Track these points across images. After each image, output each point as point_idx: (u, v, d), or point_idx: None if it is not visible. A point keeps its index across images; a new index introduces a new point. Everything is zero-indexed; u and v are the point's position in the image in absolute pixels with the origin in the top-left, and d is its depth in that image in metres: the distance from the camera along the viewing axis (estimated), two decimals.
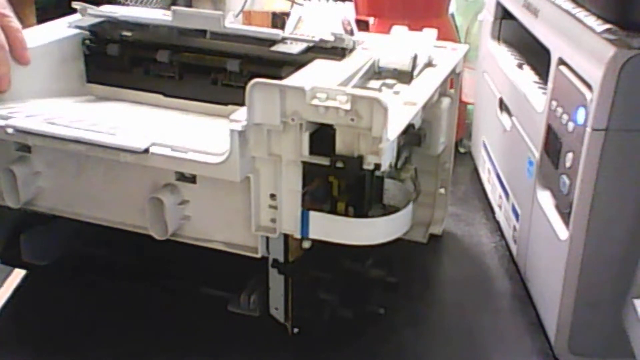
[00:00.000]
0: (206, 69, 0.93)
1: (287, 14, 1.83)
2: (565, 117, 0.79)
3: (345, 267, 0.80)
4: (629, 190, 0.74)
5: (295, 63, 0.86)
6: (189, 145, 0.72)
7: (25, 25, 0.97)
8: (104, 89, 0.98)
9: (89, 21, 0.95)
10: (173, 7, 0.90)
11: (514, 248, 1.03)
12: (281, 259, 0.77)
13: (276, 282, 0.78)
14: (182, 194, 0.76)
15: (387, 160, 0.69)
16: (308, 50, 0.88)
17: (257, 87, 0.68)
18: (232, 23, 0.90)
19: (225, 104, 0.92)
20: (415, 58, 0.86)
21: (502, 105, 1.10)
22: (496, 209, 1.13)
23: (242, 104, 0.69)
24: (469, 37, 1.43)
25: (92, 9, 0.96)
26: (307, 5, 1.84)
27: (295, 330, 0.81)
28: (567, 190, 0.78)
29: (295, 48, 0.88)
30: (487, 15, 1.23)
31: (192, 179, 0.75)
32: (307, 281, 0.79)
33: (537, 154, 0.90)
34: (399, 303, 0.91)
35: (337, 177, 0.73)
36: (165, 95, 0.95)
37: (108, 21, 0.95)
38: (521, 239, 0.98)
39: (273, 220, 0.74)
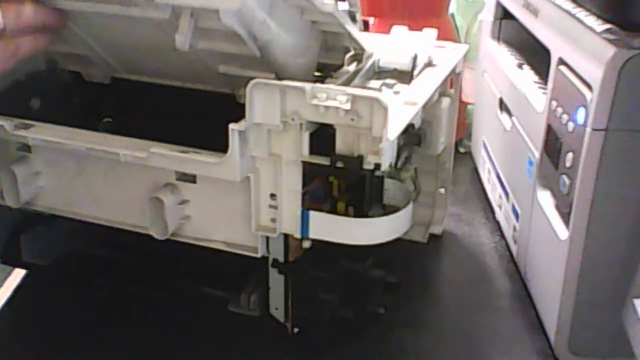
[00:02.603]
0: None
1: None
2: (565, 117, 0.79)
3: (345, 267, 0.80)
4: (629, 190, 0.74)
5: None
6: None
7: None
8: None
9: None
10: None
11: (514, 248, 1.03)
12: (281, 258, 0.77)
13: (276, 282, 0.78)
14: (182, 193, 0.76)
15: (387, 160, 0.69)
16: None
17: (257, 87, 0.68)
18: None
19: None
20: (415, 58, 0.86)
21: (502, 105, 1.10)
22: (496, 209, 1.13)
23: None
24: (469, 37, 1.43)
25: None
26: None
27: (295, 330, 0.81)
28: (567, 190, 0.78)
29: None
30: (487, 15, 1.23)
31: (192, 179, 0.75)
32: (307, 281, 0.79)
33: (537, 154, 0.90)
34: (399, 303, 0.91)
35: (337, 177, 0.73)
36: None
37: None
38: (521, 239, 0.98)
39: (273, 220, 0.74)
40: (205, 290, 0.84)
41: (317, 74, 0.86)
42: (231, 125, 0.68)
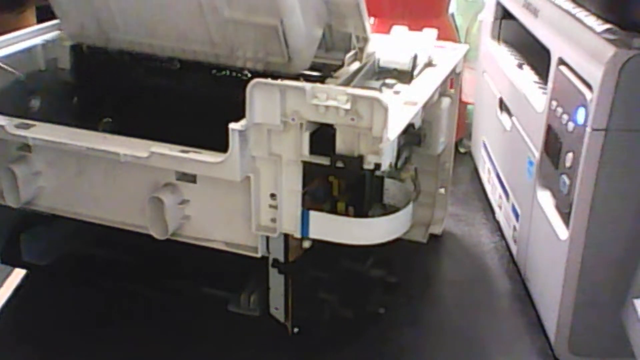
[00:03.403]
0: None
1: None
2: (565, 117, 0.79)
3: (345, 267, 0.80)
4: (629, 190, 0.74)
5: None
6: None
7: (24, 25, 0.97)
8: None
9: None
10: None
11: (514, 248, 1.03)
12: (281, 258, 0.77)
13: (276, 282, 0.78)
14: (182, 193, 0.76)
15: (387, 160, 0.69)
16: None
17: (258, 87, 0.68)
18: None
19: None
20: (415, 58, 0.86)
21: (502, 105, 1.10)
22: (496, 209, 1.13)
23: None
24: (469, 37, 1.43)
25: None
26: None
27: (295, 330, 0.81)
28: (567, 190, 0.78)
29: None
30: (487, 15, 1.23)
31: (193, 179, 0.75)
32: (307, 281, 0.79)
33: (537, 154, 0.90)
34: (399, 303, 0.91)
35: (337, 177, 0.73)
36: None
37: None
38: (521, 239, 0.98)
39: (273, 220, 0.74)
40: (205, 290, 0.84)
41: (317, 74, 0.86)
42: (231, 125, 0.68)
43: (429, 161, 1.00)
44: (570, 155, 0.77)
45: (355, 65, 0.86)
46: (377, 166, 0.69)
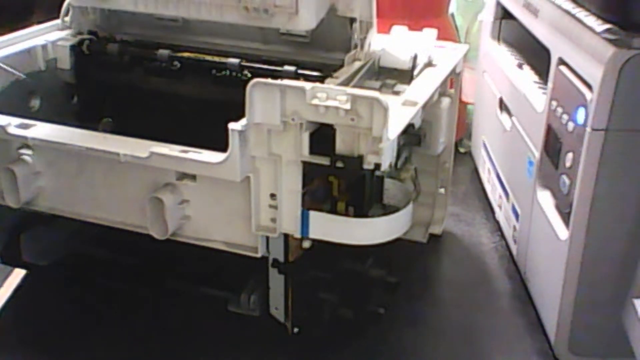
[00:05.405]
0: None
1: None
2: (565, 117, 0.79)
3: (345, 267, 0.80)
4: (629, 190, 0.74)
5: None
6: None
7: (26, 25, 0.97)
8: None
9: None
10: None
11: (514, 248, 1.03)
12: (281, 258, 0.77)
13: (276, 282, 0.78)
14: (182, 193, 0.76)
15: (387, 160, 0.69)
16: None
17: (258, 87, 0.68)
18: None
19: None
20: (415, 58, 0.86)
21: (502, 105, 1.10)
22: (496, 209, 1.13)
23: None
24: (469, 37, 1.43)
25: None
26: None
27: (295, 330, 0.81)
28: (567, 190, 0.78)
29: None
30: (487, 15, 1.23)
31: (193, 179, 0.75)
32: (307, 281, 0.79)
33: (537, 154, 0.90)
34: (399, 303, 0.91)
35: (337, 177, 0.73)
36: None
37: None
38: (521, 239, 0.98)
39: (273, 220, 0.74)
40: (205, 290, 0.84)
41: (317, 74, 0.86)
42: (231, 125, 0.68)
43: (429, 161, 1.00)
44: (570, 155, 0.77)
45: (355, 65, 0.86)
46: (377, 166, 0.69)
